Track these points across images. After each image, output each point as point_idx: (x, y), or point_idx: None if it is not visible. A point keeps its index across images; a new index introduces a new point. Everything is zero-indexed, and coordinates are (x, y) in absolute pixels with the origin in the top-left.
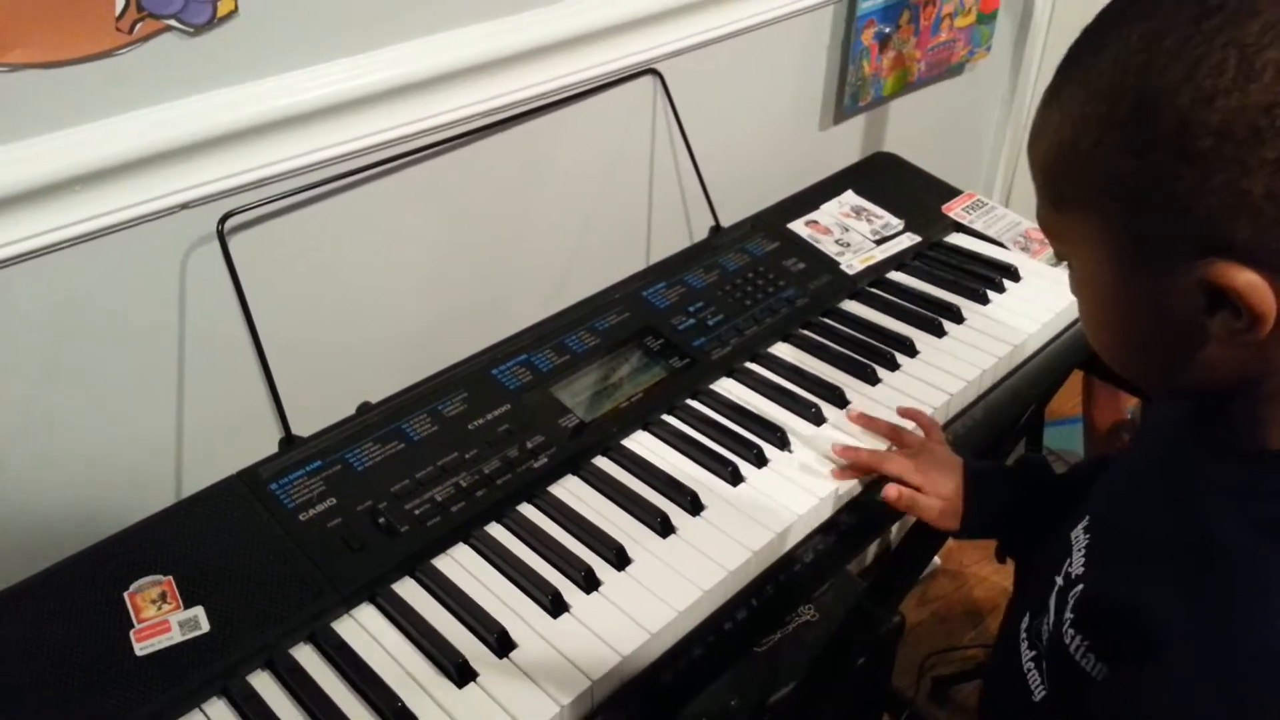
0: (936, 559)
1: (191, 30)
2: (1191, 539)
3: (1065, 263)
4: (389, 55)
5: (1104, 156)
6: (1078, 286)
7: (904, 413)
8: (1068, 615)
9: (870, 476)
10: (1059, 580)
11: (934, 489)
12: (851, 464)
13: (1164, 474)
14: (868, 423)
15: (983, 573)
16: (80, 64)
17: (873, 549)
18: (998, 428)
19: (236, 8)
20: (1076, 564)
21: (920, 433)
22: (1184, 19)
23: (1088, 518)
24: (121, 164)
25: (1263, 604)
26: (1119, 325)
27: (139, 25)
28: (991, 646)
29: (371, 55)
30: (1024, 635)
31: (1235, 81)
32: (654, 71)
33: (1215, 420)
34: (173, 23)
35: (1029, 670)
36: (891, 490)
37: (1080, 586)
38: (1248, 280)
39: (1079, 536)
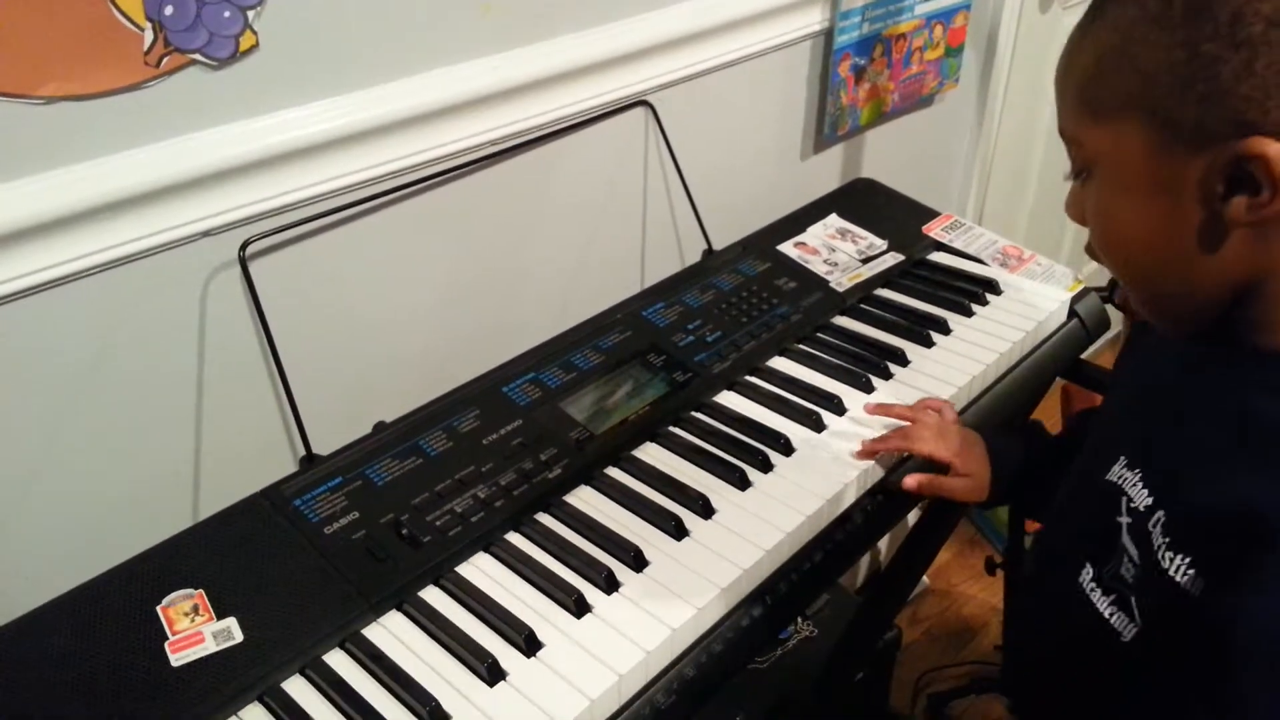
0: (925, 579)
1: (215, 64)
2: (1252, 433)
3: (1079, 178)
4: (399, 88)
5: (1152, 53)
6: (1101, 192)
7: (920, 403)
8: (1160, 542)
9: (895, 458)
10: (1124, 519)
11: (965, 466)
12: (883, 447)
13: (1197, 388)
14: (885, 410)
15: (971, 591)
16: (110, 96)
17: (865, 567)
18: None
19: (258, 43)
20: (1139, 498)
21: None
22: None
23: (1123, 457)
24: (148, 192)
25: None
26: (1139, 223)
27: (166, 59)
28: (1002, 649)
29: (383, 88)
30: (1092, 585)
31: None
32: (646, 103)
33: (1226, 328)
34: (198, 57)
35: (1111, 614)
36: (910, 480)
37: (1160, 513)
38: (1277, 150)
39: (1124, 474)
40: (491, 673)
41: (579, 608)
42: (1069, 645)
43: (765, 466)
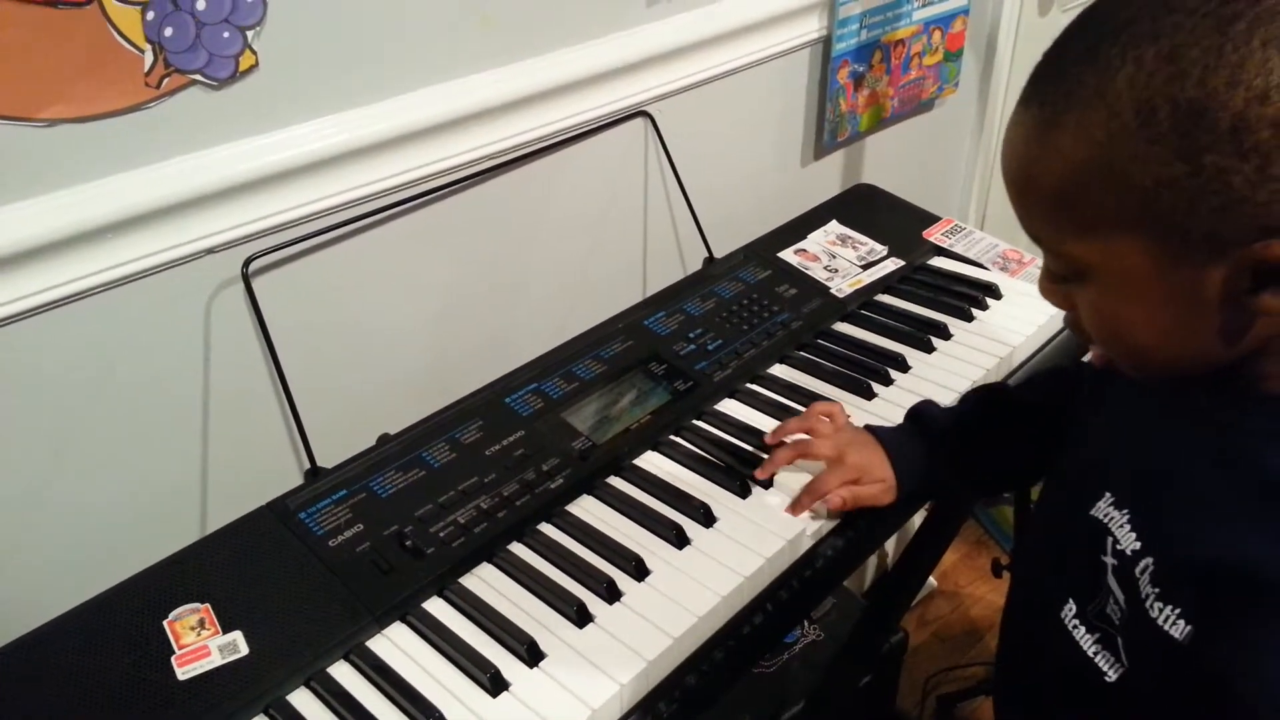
0: (933, 580)
1: (215, 84)
2: (1253, 485)
3: (1064, 283)
4: (398, 104)
5: (1145, 169)
6: (1101, 299)
7: (810, 410)
8: (1148, 591)
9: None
10: (1109, 560)
11: (869, 473)
12: (779, 463)
13: (1192, 433)
14: (781, 431)
15: (979, 592)
16: (111, 118)
17: (871, 569)
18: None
19: (257, 62)
20: (1126, 541)
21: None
22: (1204, 31)
23: (1109, 494)
24: (150, 211)
25: None
26: (1152, 327)
27: (166, 80)
28: (997, 660)
29: (382, 104)
30: (1074, 623)
31: None
32: (645, 113)
33: (1231, 376)
34: (198, 77)
35: (1095, 653)
36: (835, 499)
37: (1149, 560)
38: None
39: (1110, 514)
40: (494, 683)
41: (581, 617)
42: (1050, 680)
43: None
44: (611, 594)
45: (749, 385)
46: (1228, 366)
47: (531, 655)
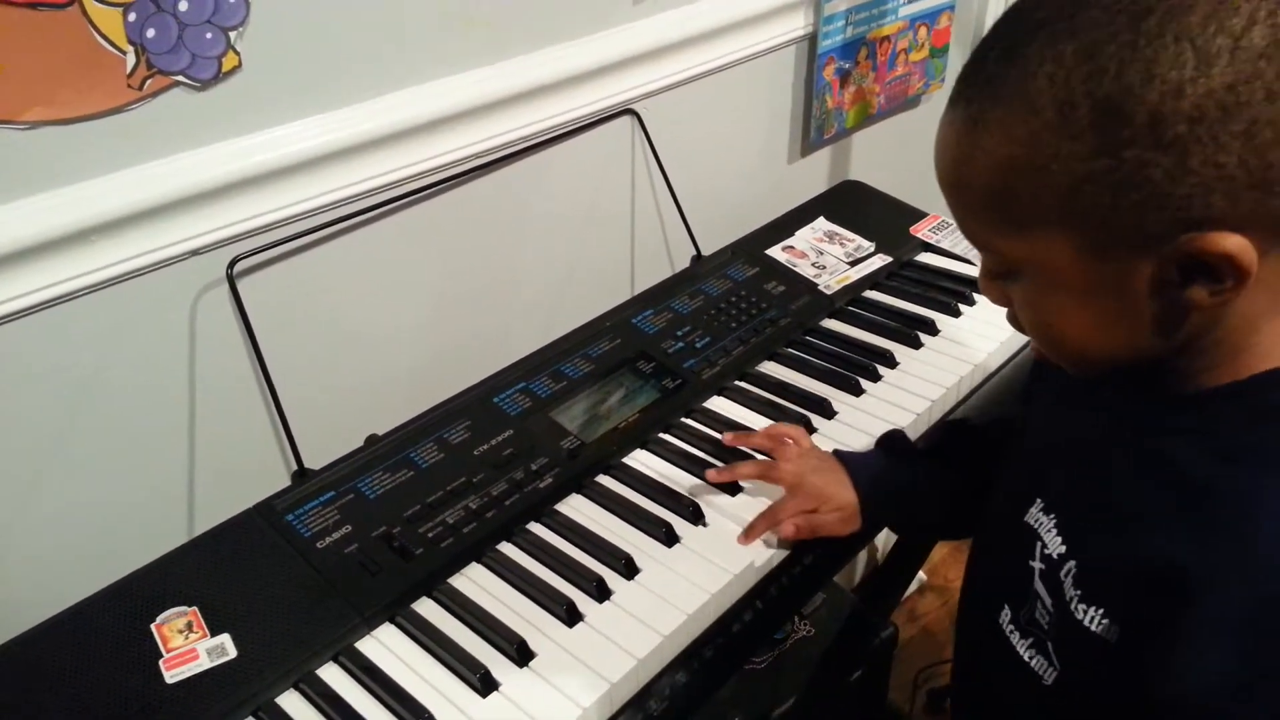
0: (922, 574)
1: (199, 85)
2: (1172, 484)
3: (1000, 280)
4: (383, 103)
5: (1067, 165)
6: (1034, 294)
7: (773, 431)
8: (1072, 593)
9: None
10: (1037, 565)
11: (829, 501)
12: (734, 475)
13: (1113, 434)
14: (743, 440)
15: None
16: (94, 120)
17: (861, 565)
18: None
19: (241, 63)
20: (1053, 545)
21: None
22: (1119, 27)
23: (1040, 500)
24: (134, 214)
25: (1253, 526)
26: (1083, 321)
27: (149, 81)
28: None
29: (366, 104)
30: (1009, 628)
31: (1198, 69)
32: (632, 111)
33: (1150, 375)
34: (181, 78)
35: (1031, 658)
36: (788, 528)
37: (1072, 563)
38: (1237, 243)
39: (1039, 519)
40: (484, 683)
41: (571, 616)
42: (997, 684)
43: None
44: (601, 593)
45: (738, 383)
46: (1149, 366)
47: (521, 655)
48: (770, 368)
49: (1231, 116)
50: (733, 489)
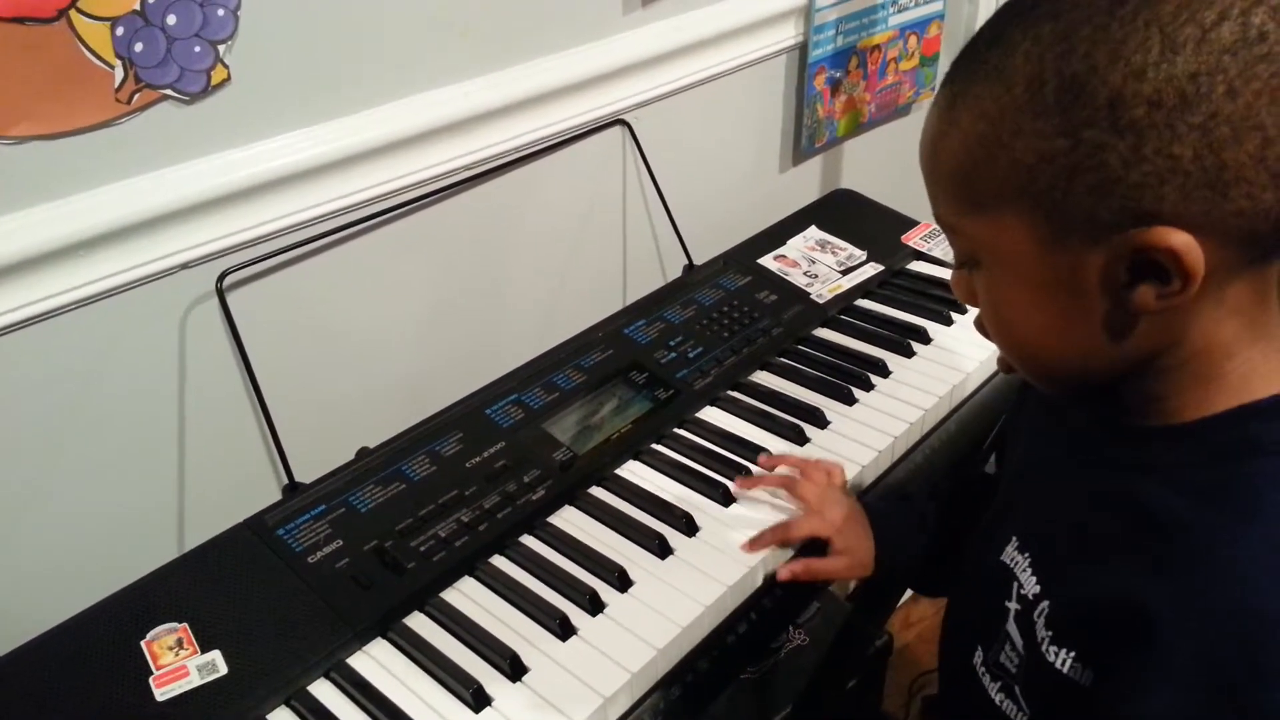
0: None
1: (187, 99)
2: (1140, 523)
3: (965, 268)
4: (373, 116)
5: (1028, 143)
6: (992, 284)
7: (813, 464)
8: (1044, 634)
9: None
10: (1012, 606)
11: (842, 541)
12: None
13: (1083, 470)
14: (775, 462)
15: None
16: (82, 134)
17: None
18: (971, 440)
19: (230, 76)
20: (1028, 585)
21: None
22: (1096, 11)
23: (1015, 538)
24: (123, 228)
25: (1217, 568)
26: (1036, 315)
27: (137, 95)
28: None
29: (356, 117)
30: (983, 670)
31: (1162, 55)
32: (623, 122)
33: (1112, 409)
34: (169, 92)
35: (1001, 701)
36: (784, 571)
37: (1045, 604)
38: (1183, 240)
39: (1014, 558)
40: (477, 699)
41: (564, 630)
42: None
43: None
44: (594, 605)
45: (730, 393)
46: (1113, 394)
47: (514, 669)
48: (763, 377)
49: (1190, 107)
50: (726, 500)
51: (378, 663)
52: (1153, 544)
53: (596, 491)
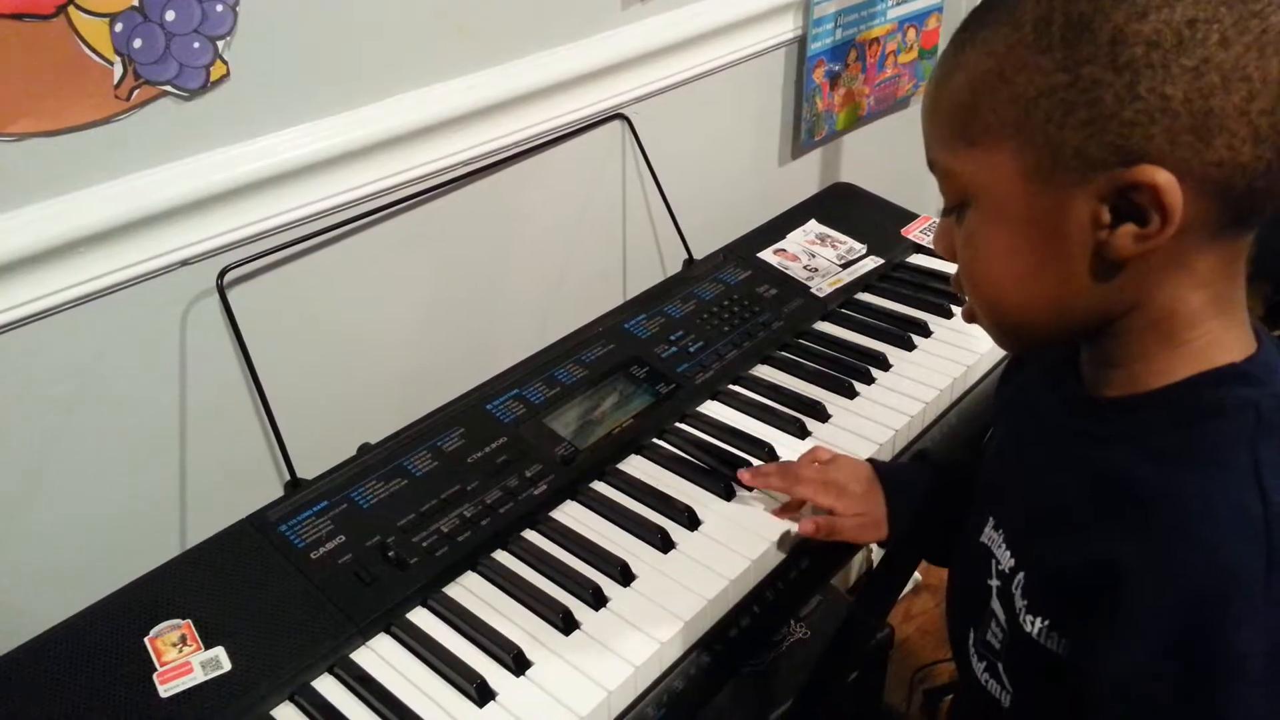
0: (917, 575)
1: (186, 95)
2: (1107, 488)
3: (952, 214)
4: (372, 111)
5: (1030, 78)
6: (975, 226)
7: (804, 458)
8: (1020, 604)
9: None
10: (994, 583)
11: (846, 506)
12: (765, 486)
13: (1052, 443)
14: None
15: None
16: (82, 131)
17: (857, 567)
18: (972, 432)
19: (228, 72)
20: (1005, 561)
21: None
22: None
23: (991, 518)
24: (123, 224)
25: (1182, 523)
26: (1014, 259)
27: (136, 92)
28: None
29: (356, 112)
30: (973, 651)
31: None
32: (622, 116)
33: (1077, 384)
34: (168, 88)
35: (987, 681)
36: (808, 524)
37: (1020, 575)
38: (1166, 178)
39: (991, 536)
40: (481, 693)
41: (567, 624)
42: (973, 706)
43: None
44: (597, 600)
45: (731, 387)
46: (1077, 365)
47: (518, 664)
48: (764, 371)
49: (1185, 50)
50: (728, 494)
51: (381, 658)
52: (1122, 508)
53: (598, 486)
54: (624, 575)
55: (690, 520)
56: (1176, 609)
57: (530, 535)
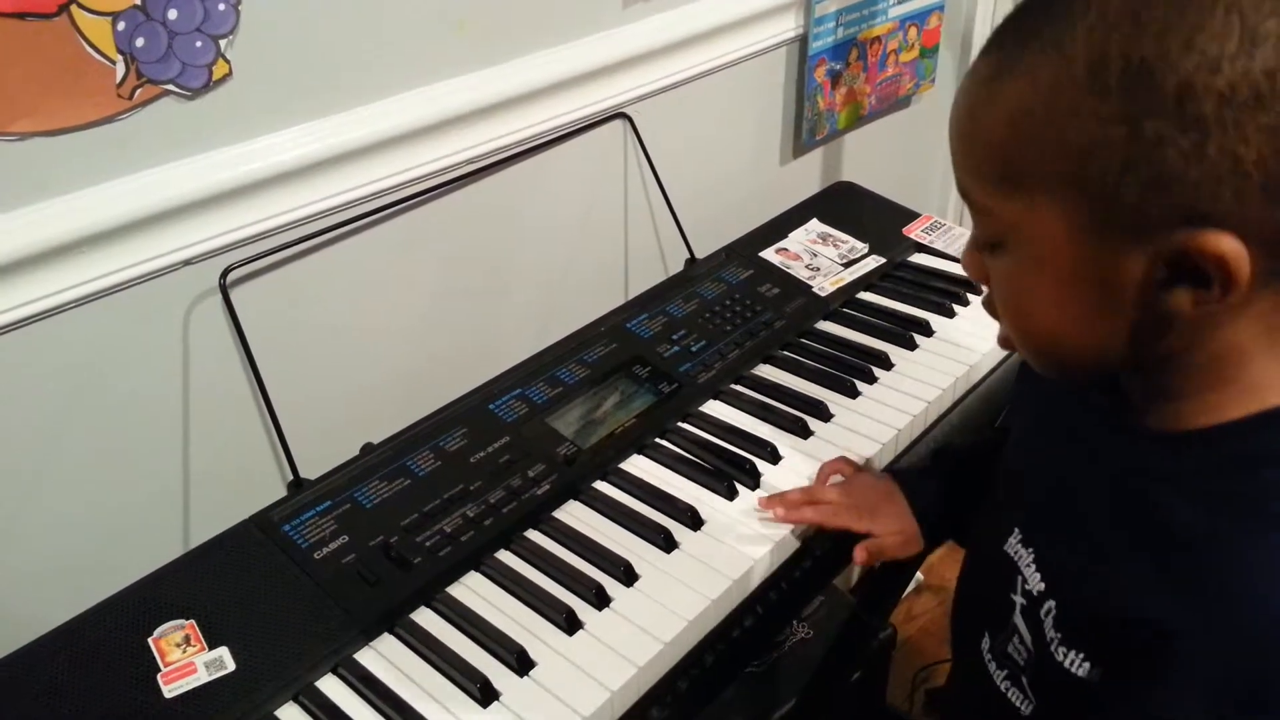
0: (920, 574)
1: (189, 94)
2: (1151, 532)
3: (988, 250)
4: (374, 110)
5: (1083, 125)
6: (1015, 270)
7: (821, 473)
8: (1052, 634)
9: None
10: (1018, 599)
11: (883, 526)
12: (799, 520)
13: (1091, 472)
14: (779, 502)
15: None
16: (84, 130)
17: (857, 569)
18: (975, 432)
19: (231, 71)
20: (1033, 581)
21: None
22: None
23: (1018, 530)
24: (126, 224)
25: (1236, 584)
26: (1059, 308)
27: (139, 91)
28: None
29: (358, 111)
30: (989, 656)
31: (1240, 47)
32: (624, 115)
33: (1118, 407)
34: (171, 87)
35: (1007, 689)
36: (860, 553)
37: (1051, 603)
38: (1233, 247)
39: (1019, 551)
40: (484, 693)
41: (570, 624)
42: (979, 706)
43: (753, 475)
44: (600, 600)
45: (733, 386)
46: (1120, 390)
47: (521, 664)
48: (766, 371)
49: (1263, 106)
50: (731, 493)
51: (385, 658)
52: (1167, 557)
53: (601, 486)
54: (627, 575)
55: (693, 520)
56: (1235, 668)
57: (533, 535)
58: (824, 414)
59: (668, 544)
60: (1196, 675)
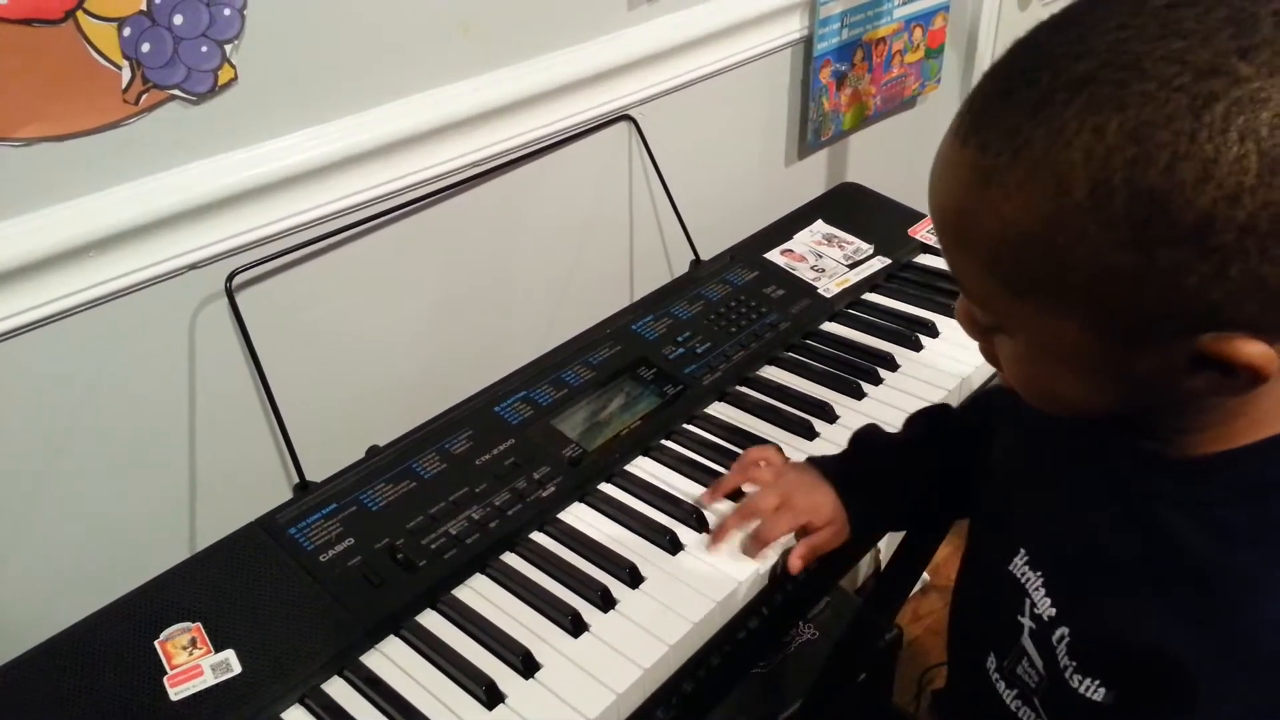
0: (926, 575)
1: (194, 99)
2: (1164, 560)
3: (987, 332)
4: (380, 114)
5: (1092, 252)
6: (1026, 354)
7: (744, 460)
8: (1066, 662)
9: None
10: (1027, 623)
11: (818, 516)
12: (728, 533)
13: (1102, 494)
14: (718, 491)
15: None
16: (90, 135)
17: (865, 567)
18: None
19: (237, 76)
20: (1042, 605)
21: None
22: (1177, 110)
23: (1023, 551)
24: (132, 229)
25: (1254, 617)
26: (1077, 392)
27: (144, 96)
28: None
29: (363, 115)
30: (994, 675)
31: (1260, 178)
32: (629, 118)
33: (1138, 433)
34: (176, 92)
35: (1018, 708)
36: (796, 562)
37: (1064, 629)
38: (1261, 352)
39: (1025, 573)
40: (490, 695)
41: (576, 627)
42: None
43: None
44: (606, 602)
45: (738, 388)
46: (1139, 421)
47: (527, 666)
48: (771, 372)
49: None
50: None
51: (391, 660)
52: (1184, 589)
53: (606, 487)
54: (632, 577)
55: (698, 522)
56: (1253, 697)
57: (538, 537)
58: (829, 415)
59: (673, 546)
60: (1215, 704)
